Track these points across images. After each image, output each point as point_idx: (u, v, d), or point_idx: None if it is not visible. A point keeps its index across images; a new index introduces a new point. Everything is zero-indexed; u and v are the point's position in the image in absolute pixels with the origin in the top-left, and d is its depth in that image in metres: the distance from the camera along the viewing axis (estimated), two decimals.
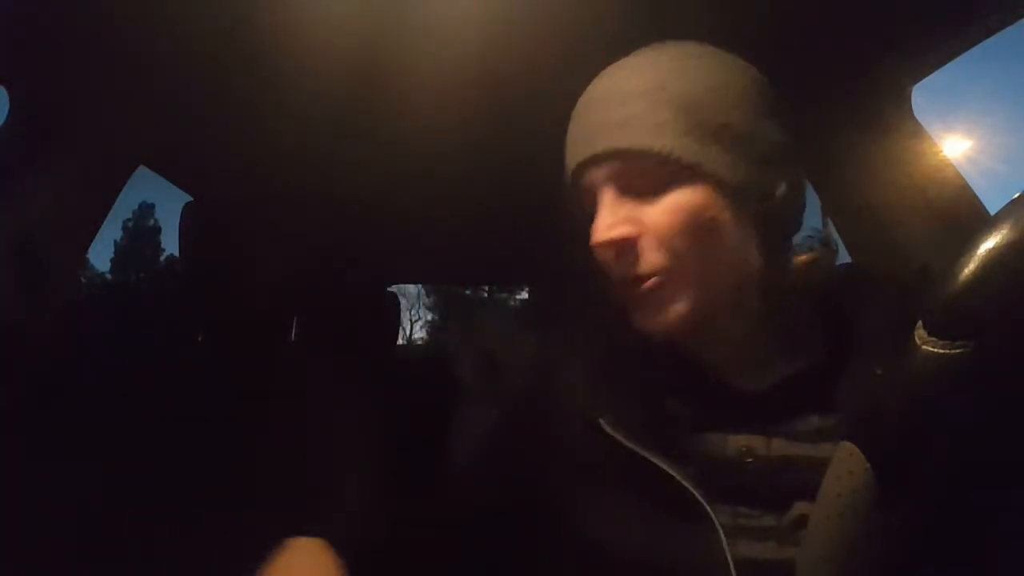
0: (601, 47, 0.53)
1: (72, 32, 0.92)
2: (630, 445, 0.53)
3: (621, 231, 0.50)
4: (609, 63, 0.56)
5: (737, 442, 0.53)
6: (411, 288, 12.50)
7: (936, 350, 0.37)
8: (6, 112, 1.03)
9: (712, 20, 0.56)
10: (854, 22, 0.87)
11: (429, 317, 13.55)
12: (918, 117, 0.95)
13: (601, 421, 0.55)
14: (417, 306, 13.46)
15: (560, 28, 0.89)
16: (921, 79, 0.93)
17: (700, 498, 0.50)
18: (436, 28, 0.90)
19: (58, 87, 1.03)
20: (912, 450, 0.39)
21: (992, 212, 0.38)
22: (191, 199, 1.42)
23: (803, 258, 0.56)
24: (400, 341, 2.54)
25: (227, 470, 1.12)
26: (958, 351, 0.37)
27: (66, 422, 0.98)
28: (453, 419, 1.11)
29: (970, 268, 0.37)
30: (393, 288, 2.32)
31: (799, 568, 0.44)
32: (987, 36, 0.83)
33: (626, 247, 0.50)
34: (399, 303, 2.08)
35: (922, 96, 0.98)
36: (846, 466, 0.42)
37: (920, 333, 0.39)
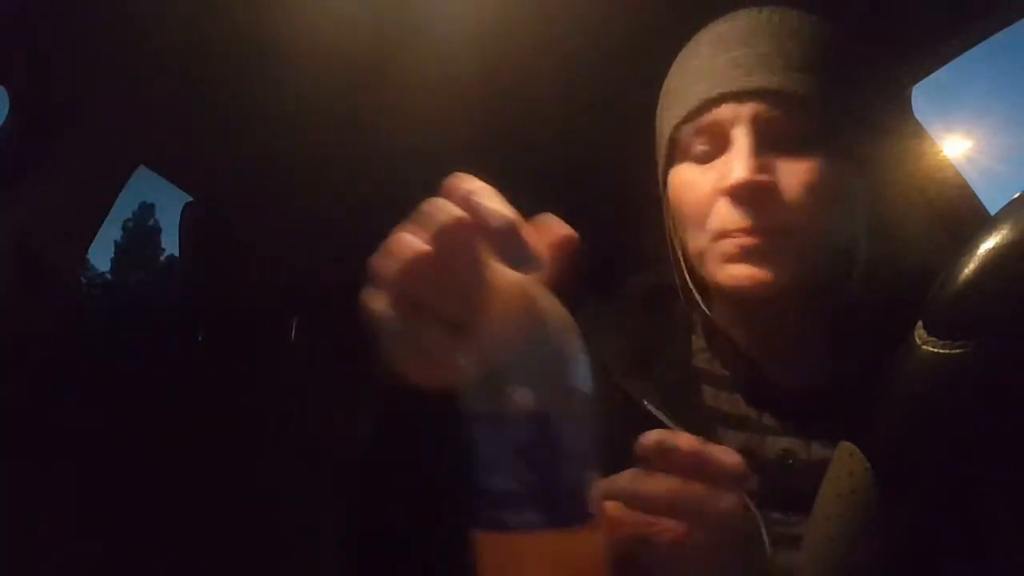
0: (601, 48, 0.53)
1: (72, 32, 0.92)
2: (676, 428, 0.50)
3: (767, 176, 0.47)
4: (609, 65, 0.55)
5: (777, 444, 0.51)
6: None
7: (936, 350, 0.37)
8: (6, 112, 1.03)
9: (711, 20, 0.55)
10: (853, 22, 0.87)
11: None
12: (918, 117, 0.95)
13: (646, 401, 0.52)
14: None
15: (561, 28, 0.89)
16: (921, 79, 0.93)
17: (749, 503, 0.46)
18: (437, 27, 0.90)
19: (58, 87, 1.03)
20: (912, 450, 0.39)
21: (992, 212, 0.38)
22: (191, 199, 1.43)
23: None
24: None
25: (227, 469, 1.11)
26: (958, 351, 0.37)
27: (66, 422, 0.98)
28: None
29: (970, 268, 0.36)
30: None
31: (799, 568, 0.44)
32: (987, 36, 0.82)
33: (765, 194, 0.47)
34: None
35: (922, 96, 0.97)
36: (846, 466, 0.41)
37: (920, 333, 0.38)
